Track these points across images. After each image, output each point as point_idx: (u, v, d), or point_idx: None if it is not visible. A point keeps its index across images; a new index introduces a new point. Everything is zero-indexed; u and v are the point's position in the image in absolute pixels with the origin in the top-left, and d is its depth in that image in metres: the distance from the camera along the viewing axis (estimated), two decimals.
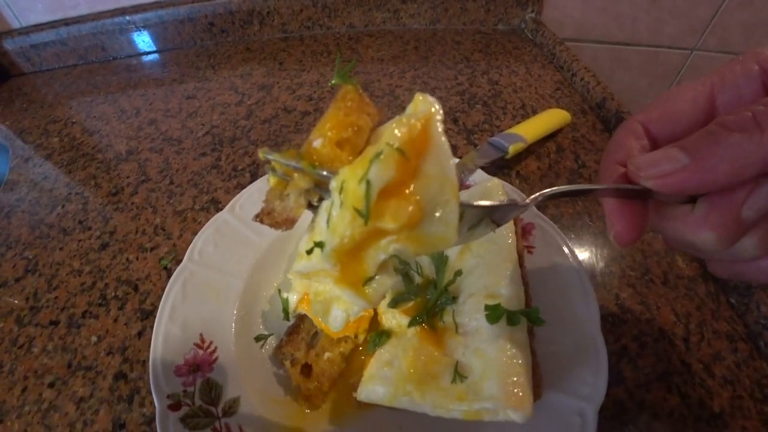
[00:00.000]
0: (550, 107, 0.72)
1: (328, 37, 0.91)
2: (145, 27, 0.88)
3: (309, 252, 0.25)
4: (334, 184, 0.22)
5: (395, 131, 0.21)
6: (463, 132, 0.67)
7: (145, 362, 0.45)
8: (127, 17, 0.87)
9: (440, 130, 0.22)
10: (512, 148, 0.55)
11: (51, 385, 0.45)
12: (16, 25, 0.88)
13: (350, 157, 0.23)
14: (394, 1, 0.89)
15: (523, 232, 0.44)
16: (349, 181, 0.21)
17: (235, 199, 0.47)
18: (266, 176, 0.51)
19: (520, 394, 0.28)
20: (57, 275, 0.53)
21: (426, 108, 0.23)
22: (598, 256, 0.51)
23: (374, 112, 0.26)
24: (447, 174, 0.21)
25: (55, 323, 0.49)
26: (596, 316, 0.37)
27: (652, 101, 0.28)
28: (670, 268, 0.51)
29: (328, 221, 0.23)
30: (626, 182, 0.25)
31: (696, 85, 0.26)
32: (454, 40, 0.89)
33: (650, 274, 0.50)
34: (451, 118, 0.69)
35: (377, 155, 0.20)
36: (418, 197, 0.21)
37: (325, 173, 0.23)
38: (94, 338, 0.48)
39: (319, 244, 0.24)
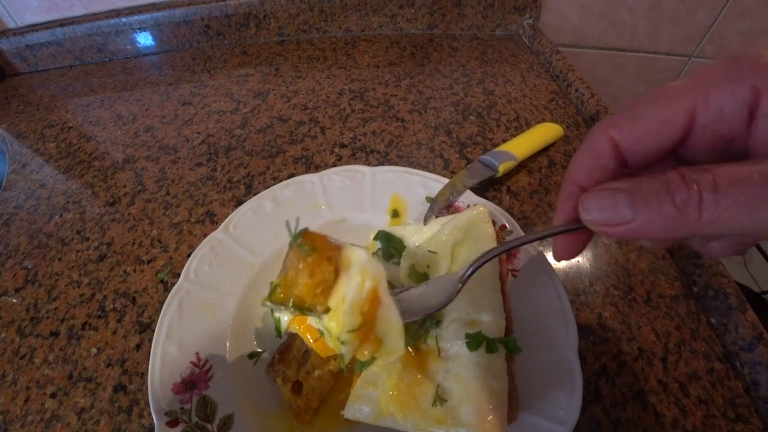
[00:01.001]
0: (543, 119, 0.73)
1: (325, 41, 0.91)
2: (140, 29, 0.88)
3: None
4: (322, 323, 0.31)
5: (346, 326, 0.30)
6: (456, 145, 0.68)
7: (143, 374, 0.47)
8: (123, 19, 0.86)
9: (386, 292, 0.31)
10: (502, 167, 0.56)
11: (53, 396, 0.47)
12: (11, 25, 0.88)
13: (327, 299, 0.31)
14: (391, 6, 0.88)
15: (508, 255, 0.45)
16: (331, 331, 0.31)
17: (229, 218, 0.48)
18: (259, 197, 0.52)
19: (493, 421, 0.30)
20: (56, 286, 0.55)
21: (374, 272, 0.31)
22: (583, 275, 0.52)
23: (334, 247, 0.31)
24: (393, 322, 0.31)
25: (55, 334, 0.51)
26: (575, 341, 0.39)
27: (625, 109, 0.25)
28: (653, 287, 0.52)
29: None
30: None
31: (677, 97, 0.23)
32: (450, 47, 0.89)
33: (633, 293, 0.51)
34: (444, 130, 0.70)
35: (342, 343, 0.30)
36: (376, 334, 0.31)
37: (312, 313, 0.31)
38: (93, 350, 0.49)
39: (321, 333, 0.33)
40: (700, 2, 0.84)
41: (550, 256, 0.48)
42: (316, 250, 0.30)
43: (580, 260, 0.54)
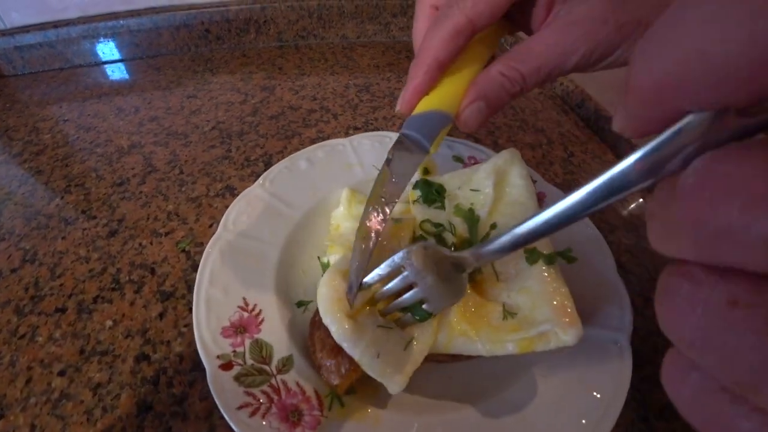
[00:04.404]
0: (535, 109, 0.80)
1: (323, 46, 0.96)
2: (138, 31, 0.88)
3: None
4: None
5: None
6: None
7: (170, 342, 0.43)
8: (121, 21, 0.87)
9: None
10: (434, 144, 0.33)
11: (61, 374, 0.42)
12: (0, 26, 0.86)
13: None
14: (385, 15, 0.95)
15: (537, 198, 0.48)
16: None
17: (263, 175, 0.48)
18: (292, 157, 0.53)
19: (572, 313, 0.31)
20: (60, 263, 0.51)
21: None
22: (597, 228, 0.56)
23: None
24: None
25: (62, 310, 0.47)
26: (612, 263, 0.41)
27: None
28: None
29: None
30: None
31: None
32: None
33: (644, 241, 0.55)
34: None
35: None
36: None
37: None
38: (109, 322, 0.45)
39: None
40: None
41: None
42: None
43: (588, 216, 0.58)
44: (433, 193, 0.45)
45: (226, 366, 0.34)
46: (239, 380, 0.33)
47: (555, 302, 0.32)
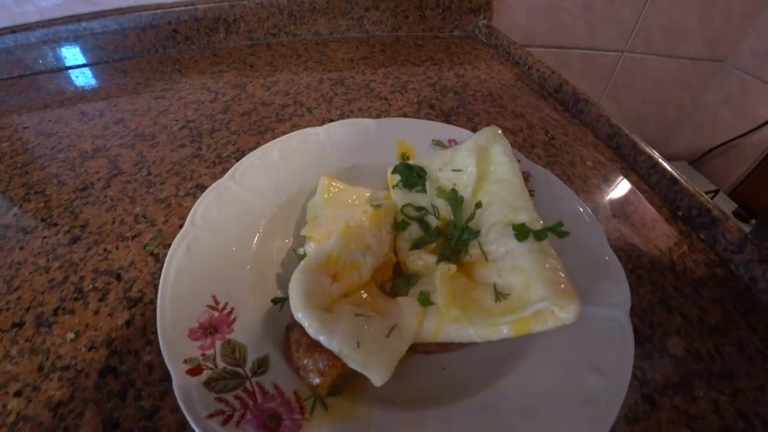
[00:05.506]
0: (514, 95, 0.79)
1: (296, 43, 0.93)
2: (103, 34, 0.85)
3: None
4: None
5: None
6: (441, 115, 0.70)
7: (137, 352, 0.40)
8: (83, 24, 0.83)
9: None
10: None
11: (18, 394, 0.38)
12: None
13: None
14: (357, 9, 0.94)
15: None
16: None
17: (233, 168, 0.46)
18: (264, 148, 0.50)
19: (567, 288, 0.29)
20: (18, 275, 0.47)
21: None
22: None
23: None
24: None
25: (18, 325, 0.43)
26: (604, 239, 0.40)
27: None
28: (645, 213, 0.56)
29: None
30: None
31: None
32: (416, 44, 0.95)
33: (630, 220, 0.54)
34: (428, 104, 0.73)
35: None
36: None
37: None
38: (70, 335, 0.42)
39: None
40: (625, 2, 0.99)
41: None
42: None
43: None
44: (413, 177, 0.43)
45: (195, 371, 0.31)
46: (210, 385, 0.30)
47: (549, 279, 0.30)
